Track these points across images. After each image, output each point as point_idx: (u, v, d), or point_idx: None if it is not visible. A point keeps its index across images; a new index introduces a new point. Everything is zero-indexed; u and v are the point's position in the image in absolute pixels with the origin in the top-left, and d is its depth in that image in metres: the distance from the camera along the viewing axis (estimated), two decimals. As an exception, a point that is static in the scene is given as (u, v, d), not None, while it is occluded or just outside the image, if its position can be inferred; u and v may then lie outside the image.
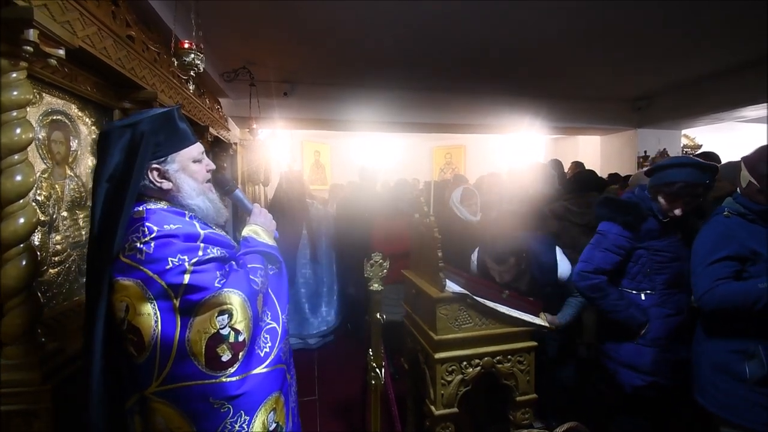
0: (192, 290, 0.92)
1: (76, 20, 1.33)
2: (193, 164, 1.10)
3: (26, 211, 1.19)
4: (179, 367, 0.90)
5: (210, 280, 0.94)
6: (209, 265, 0.97)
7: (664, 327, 1.68)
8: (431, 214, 1.72)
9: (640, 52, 3.94)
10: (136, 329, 0.90)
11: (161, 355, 0.90)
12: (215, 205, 1.13)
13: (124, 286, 0.91)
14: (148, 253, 0.91)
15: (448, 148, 8.76)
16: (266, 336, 1.06)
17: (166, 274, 0.90)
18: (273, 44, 3.69)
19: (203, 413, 0.92)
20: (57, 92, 1.53)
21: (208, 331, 0.91)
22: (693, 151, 6.68)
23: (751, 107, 4.79)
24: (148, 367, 0.90)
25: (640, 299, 1.72)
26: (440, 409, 1.58)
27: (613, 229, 1.72)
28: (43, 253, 1.42)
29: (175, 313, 0.91)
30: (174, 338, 0.90)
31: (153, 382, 0.91)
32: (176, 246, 0.94)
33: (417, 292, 1.78)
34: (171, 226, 0.96)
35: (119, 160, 0.97)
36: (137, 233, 0.93)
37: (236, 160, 5.00)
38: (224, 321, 0.93)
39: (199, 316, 0.92)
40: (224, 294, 0.95)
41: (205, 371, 0.91)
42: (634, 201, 1.73)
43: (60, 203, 1.54)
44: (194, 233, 0.99)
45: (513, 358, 1.65)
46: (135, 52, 1.79)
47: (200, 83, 3.16)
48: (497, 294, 1.65)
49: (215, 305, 0.93)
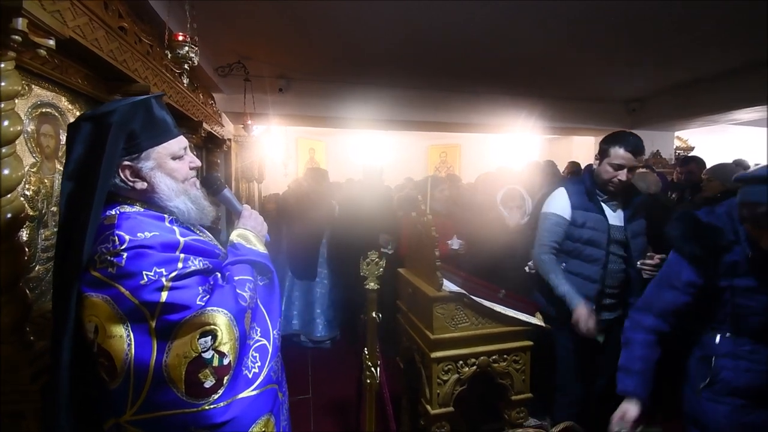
0: (170, 309, 0.82)
1: (67, 10, 1.29)
2: (173, 161, 0.99)
3: (14, 205, 1.15)
4: (156, 394, 0.81)
5: (191, 298, 0.84)
6: (190, 280, 0.87)
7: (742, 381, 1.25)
8: (428, 213, 1.71)
9: (635, 54, 3.97)
10: (107, 353, 0.80)
11: (135, 381, 0.80)
12: (198, 205, 1.03)
13: (93, 304, 0.81)
14: (119, 267, 0.81)
15: (443, 146, 8.76)
16: (255, 355, 0.96)
17: (140, 291, 0.80)
18: (268, 39, 3.65)
19: None
20: (46, 84, 1.49)
21: (189, 355, 0.81)
22: (685, 153, 6.76)
23: (744, 110, 4.85)
24: (122, 393, 0.81)
25: (713, 341, 1.29)
26: (436, 408, 1.58)
27: (681, 263, 1.30)
28: (31, 249, 1.39)
29: (150, 335, 0.81)
30: (150, 363, 0.80)
31: (127, 410, 0.82)
32: (152, 257, 0.83)
33: (413, 290, 1.77)
34: (145, 234, 0.86)
35: (80, 155, 0.87)
36: (107, 243, 0.83)
37: (230, 157, 4.94)
38: (207, 343, 0.83)
39: (178, 339, 0.82)
40: (207, 313, 0.84)
41: (186, 399, 0.82)
42: (715, 225, 1.24)
43: (49, 198, 1.50)
44: (173, 242, 0.90)
45: (509, 357, 1.65)
46: (127, 44, 1.74)
47: (194, 77, 3.11)
48: (494, 293, 1.65)
49: (197, 326, 0.83)
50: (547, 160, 3.64)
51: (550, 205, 1.93)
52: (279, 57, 4.12)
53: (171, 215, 0.98)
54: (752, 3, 2.82)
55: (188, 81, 2.55)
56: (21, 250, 1.19)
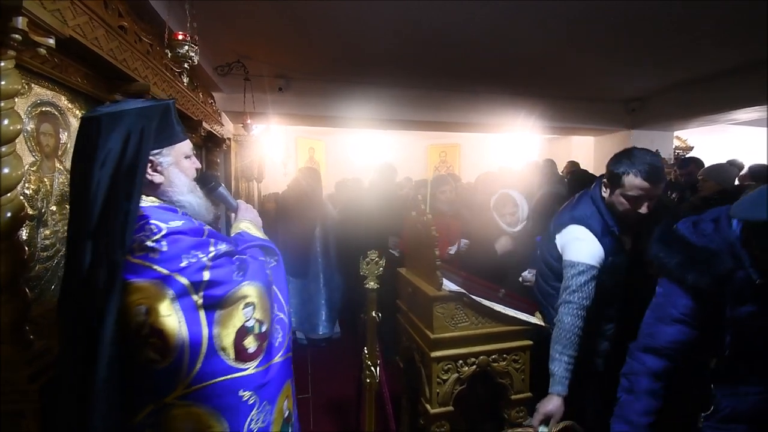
0: (213, 285, 0.92)
1: (67, 9, 1.29)
2: (185, 160, 1.09)
3: (14, 204, 1.15)
4: (209, 364, 0.90)
5: (228, 274, 0.95)
6: (224, 260, 0.97)
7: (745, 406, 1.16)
8: (428, 212, 1.71)
9: (634, 54, 3.97)
10: (160, 331, 0.86)
11: (190, 354, 0.88)
12: (204, 203, 1.12)
13: (140, 288, 0.87)
14: (162, 252, 0.89)
15: (443, 146, 8.76)
16: (277, 327, 1.08)
17: (184, 272, 0.89)
18: (268, 38, 3.65)
19: (233, 407, 0.92)
20: (46, 83, 1.48)
21: (236, 324, 0.93)
22: (684, 153, 6.77)
23: (743, 110, 4.85)
24: (174, 369, 0.87)
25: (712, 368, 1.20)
26: (435, 408, 1.58)
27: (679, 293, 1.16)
28: (31, 249, 1.38)
29: (198, 310, 0.90)
30: (203, 335, 0.89)
31: (179, 385, 0.88)
32: (187, 242, 0.93)
33: (413, 290, 1.77)
34: (176, 222, 0.95)
35: (117, 149, 0.91)
36: (144, 231, 0.90)
37: (229, 156, 4.94)
38: (249, 313, 0.96)
39: (223, 309, 0.93)
40: (246, 286, 0.97)
41: (234, 365, 0.92)
42: (710, 248, 1.10)
43: (49, 197, 1.50)
44: (199, 229, 0.99)
45: (508, 356, 1.65)
46: (127, 43, 1.74)
47: (194, 76, 3.11)
48: (494, 293, 1.65)
49: (239, 298, 0.95)
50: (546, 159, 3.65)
51: (581, 252, 1.55)
52: (279, 56, 4.12)
53: (182, 209, 1.04)
54: (751, 3, 2.83)
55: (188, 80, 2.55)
56: (20, 249, 1.19)
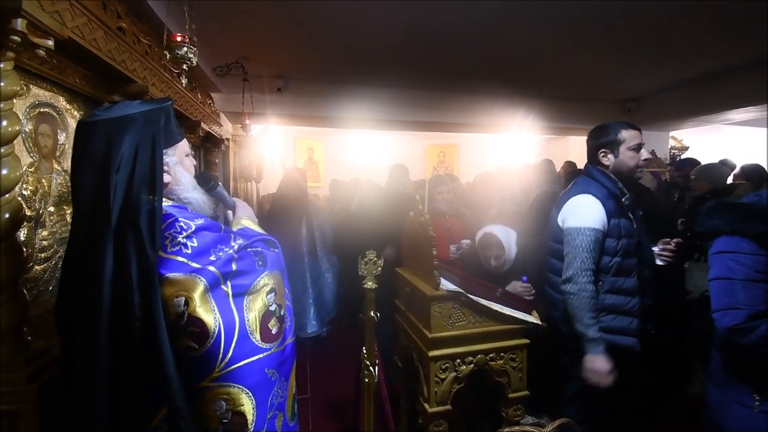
0: (240, 275, 1.01)
1: (66, 10, 1.29)
2: (186, 158, 1.14)
3: (12, 205, 1.15)
4: (241, 346, 0.98)
5: (252, 264, 1.05)
6: (245, 252, 1.06)
7: None
8: (425, 213, 1.72)
9: (631, 54, 3.99)
10: (199, 320, 0.93)
11: (225, 338, 0.96)
12: (207, 199, 1.18)
13: (177, 281, 0.93)
14: (194, 247, 0.97)
15: (441, 146, 8.78)
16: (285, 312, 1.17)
17: (215, 264, 0.98)
18: (267, 39, 3.65)
19: (260, 384, 1.01)
20: (45, 84, 1.48)
21: (262, 309, 1.03)
22: (680, 153, 6.80)
23: (738, 110, 4.88)
24: (209, 355, 0.95)
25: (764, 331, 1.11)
26: (434, 407, 1.59)
27: (742, 246, 1.13)
28: (29, 250, 1.38)
29: (228, 298, 0.98)
30: (235, 320, 0.97)
31: (216, 367, 0.95)
32: (212, 237, 1.01)
33: (411, 290, 1.78)
34: (200, 220, 1.03)
35: (130, 154, 0.93)
36: (173, 228, 0.97)
37: (228, 156, 4.94)
38: (272, 299, 1.06)
39: (250, 296, 1.02)
40: (268, 274, 1.07)
41: (261, 345, 1.02)
42: (763, 206, 1.15)
43: (47, 198, 1.50)
44: (217, 224, 1.06)
45: (506, 355, 1.66)
46: (126, 44, 1.75)
47: (192, 77, 3.11)
48: (491, 292, 1.66)
49: (263, 285, 1.05)
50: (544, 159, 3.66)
51: (583, 217, 1.63)
52: (277, 57, 4.13)
53: (189, 206, 1.10)
54: (748, 3, 2.85)
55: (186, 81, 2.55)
56: (19, 250, 1.19)
